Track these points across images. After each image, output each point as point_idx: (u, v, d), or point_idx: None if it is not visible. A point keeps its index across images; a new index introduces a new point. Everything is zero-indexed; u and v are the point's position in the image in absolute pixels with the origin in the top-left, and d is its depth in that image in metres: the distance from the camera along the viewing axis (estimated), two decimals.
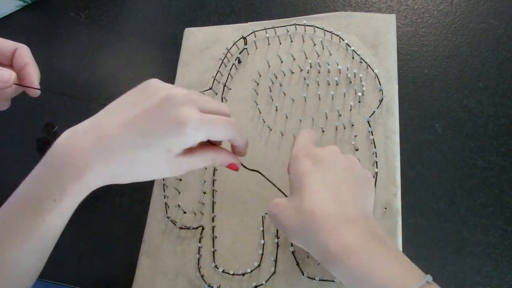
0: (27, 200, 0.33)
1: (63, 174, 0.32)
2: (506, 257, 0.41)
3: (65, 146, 0.33)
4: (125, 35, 0.66)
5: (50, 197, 0.32)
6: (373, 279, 0.29)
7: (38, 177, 0.33)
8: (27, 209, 0.32)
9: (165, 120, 0.31)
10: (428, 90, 0.49)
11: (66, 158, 0.32)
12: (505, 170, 0.44)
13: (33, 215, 0.32)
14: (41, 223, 0.32)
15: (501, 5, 0.51)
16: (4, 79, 0.42)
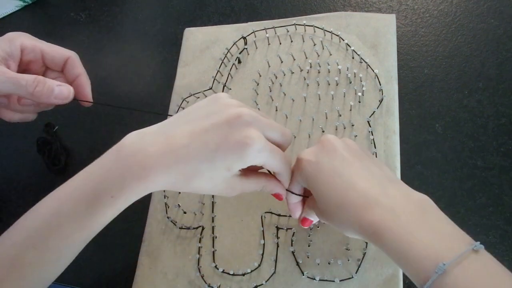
0: (84, 192, 0.33)
1: (126, 173, 0.32)
2: (506, 257, 0.41)
3: (133, 146, 0.33)
4: (125, 35, 0.66)
5: (109, 193, 0.32)
6: (409, 253, 0.28)
7: (98, 172, 0.33)
8: (83, 201, 0.32)
9: (231, 138, 0.32)
10: (428, 90, 0.49)
11: (131, 159, 0.32)
12: (505, 170, 0.44)
13: (88, 207, 0.32)
14: (93, 216, 0.33)
15: (501, 5, 0.51)
16: (64, 95, 0.44)
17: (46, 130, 0.62)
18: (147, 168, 0.32)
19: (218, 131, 0.32)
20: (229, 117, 0.33)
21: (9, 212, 0.59)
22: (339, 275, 0.42)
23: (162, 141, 0.33)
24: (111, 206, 0.33)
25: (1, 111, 0.45)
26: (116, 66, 0.65)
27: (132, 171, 0.32)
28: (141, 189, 0.33)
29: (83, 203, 0.32)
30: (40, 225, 0.33)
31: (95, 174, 0.33)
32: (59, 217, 0.33)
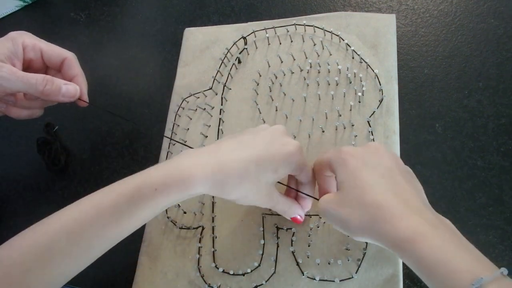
0: (127, 186, 0.35)
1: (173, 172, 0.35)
2: (506, 257, 0.41)
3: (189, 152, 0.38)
4: (125, 35, 0.66)
5: (153, 186, 0.34)
6: (446, 266, 0.28)
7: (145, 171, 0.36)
8: (125, 193, 0.34)
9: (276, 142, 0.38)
10: (428, 90, 0.49)
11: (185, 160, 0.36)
12: (505, 170, 0.44)
13: (130, 199, 0.34)
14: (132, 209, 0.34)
15: (501, 5, 0.51)
16: (71, 93, 0.46)
17: (46, 130, 0.62)
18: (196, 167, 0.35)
19: (262, 139, 0.38)
20: (269, 130, 0.39)
21: (9, 212, 0.59)
22: (339, 275, 0.42)
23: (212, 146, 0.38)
24: (152, 200, 0.34)
25: (9, 109, 0.46)
26: (116, 66, 0.65)
27: (178, 169, 0.35)
28: (183, 187, 0.35)
29: (125, 196, 0.34)
30: (78, 215, 0.34)
31: (141, 176, 0.36)
32: (99, 208, 0.34)
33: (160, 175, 0.35)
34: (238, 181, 0.36)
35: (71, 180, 0.58)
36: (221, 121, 0.53)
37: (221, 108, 0.54)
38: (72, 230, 0.33)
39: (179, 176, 0.35)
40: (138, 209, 0.34)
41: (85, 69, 0.66)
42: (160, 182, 0.34)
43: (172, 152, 0.54)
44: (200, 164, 0.35)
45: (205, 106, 0.55)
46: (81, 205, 0.35)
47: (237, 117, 0.53)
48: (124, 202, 0.34)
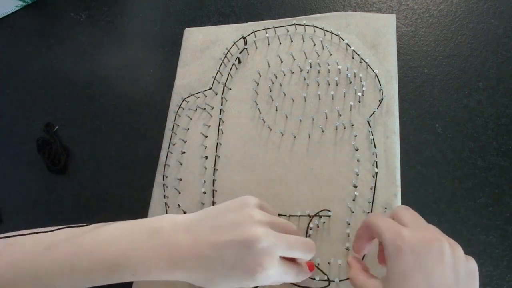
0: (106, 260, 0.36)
1: (154, 261, 0.36)
2: (506, 257, 0.41)
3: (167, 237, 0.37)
4: (125, 35, 0.66)
5: (131, 271, 0.36)
6: None
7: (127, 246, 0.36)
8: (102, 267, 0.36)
9: (246, 261, 0.35)
10: (428, 90, 0.49)
11: (162, 250, 0.36)
12: (505, 170, 0.44)
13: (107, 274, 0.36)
14: (106, 280, 0.36)
15: (501, 5, 0.51)
16: None
17: (46, 130, 0.62)
18: (172, 266, 0.36)
19: (236, 251, 0.35)
20: (248, 238, 0.35)
21: (9, 212, 0.59)
22: (339, 275, 0.42)
23: (190, 243, 0.36)
24: (126, 279, 0.36)
25: None
26: (116, 66, 0.65)
27: (159, 263, 0.36)
28: (161, 278, 0.36)
29: (101, 267, 0.35)
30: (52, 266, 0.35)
31: (124, 244, 0.36)
32: (74, 267, 0.35)
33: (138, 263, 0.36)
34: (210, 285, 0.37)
35: (71, 180, 0.58)
36: (221, 121, 0.53)
37: (221, 108, 0.54)
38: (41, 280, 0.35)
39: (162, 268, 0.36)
40: (112, 280, 0.36)
41: (85, 69, 0.66)
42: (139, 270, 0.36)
43: (172, 152, 0.54)
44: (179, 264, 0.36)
45: (205, 106, 0.55)
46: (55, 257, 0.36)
47: (237, 117, 0.53)
48: (101, 273, 0.36)
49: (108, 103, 0.62)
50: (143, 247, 0.36)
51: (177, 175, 0.52)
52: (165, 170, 0.53)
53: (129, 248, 0.36)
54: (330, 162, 0.47)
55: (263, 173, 0.49)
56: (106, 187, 0.57)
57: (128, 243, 0.36)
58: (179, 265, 0.36)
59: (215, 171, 0.51)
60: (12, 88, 0.69)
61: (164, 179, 0.53)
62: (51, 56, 0.69)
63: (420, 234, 0.32)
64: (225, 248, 0.35)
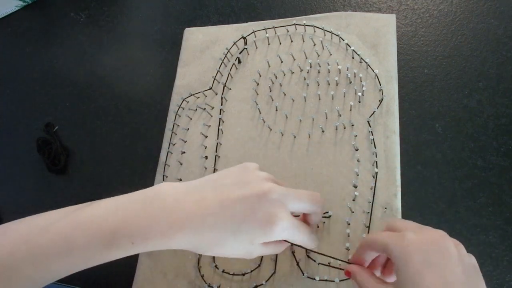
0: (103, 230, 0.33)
1: (153, 226, 0.33)
2: (506, 257, 0.41)
3: (166, 201, 0.34)
4: (125, 35, 0.66)
5: (130, 239, 0.33)
6: None
7: (124, 213, 0.33)
8: (100, 238, 0.32)
9: (258, 213, 0.34)
10: (428, 90, 0.49)
11: (162, 213, 0.33)
12: (505, 170, 0.44)
13: (104, 246, 0.32)
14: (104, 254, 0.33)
15: (501, 5, 0.51)
16: None
17: (46, 130, 0.62)
18: (174, 227, 0.33)
19: (247, 204, 0.34)
20: (258, 192, 0.34)
21: (9, 212, 0.59)
22: (339, 275, 0.42)
23: (193, 203, 0.34)
24: (127, 251, 0.33)
25: None
26: (116, 66, 0.65)
27: (160, 226, 0.33)
28: (162, 244, 0.33)
29: (99, 240, 0.32)
30: (48, 244, 0.32)
31: (121, 214, 0.33)
32: (70, 244, 0.32)
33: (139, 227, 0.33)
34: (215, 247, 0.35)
35: (71, 180, 0.58)
36: (221, 121, 0.53)
37: (221, 108, 0.54)
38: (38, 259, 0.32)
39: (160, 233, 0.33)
40: (109, 255, 0.33)
41: (85, 69, 0.66)
42: (139, 237, 0.33)
43: (172, 152, 0.54)
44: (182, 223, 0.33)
45: (205, 106, 0.55)
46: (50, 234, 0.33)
47: (237, 117, 0.53)
48: (96, 246, 0.32)
49: (108, 103, 0.62)
50: (141, 214, 0.33)
51: (177, 175, 0.52)
52: (165, 170, 0.53)
53: (126, 216, 0.33)
54: (330, 162, 0.47)
55: None
56: (106, 187, 0.57)
57: (124, 212, 0.34)
58: (182, 228, 0.33)
59: (215, 171, 0.51)
60: (12, 88, 0.69)
61: (164, 179, 0.53)
62: (51, 56, 0.69)
63: (423, 235, 0.32)
64: (234, 203, 0.34)
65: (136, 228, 0.33)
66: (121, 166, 0.57)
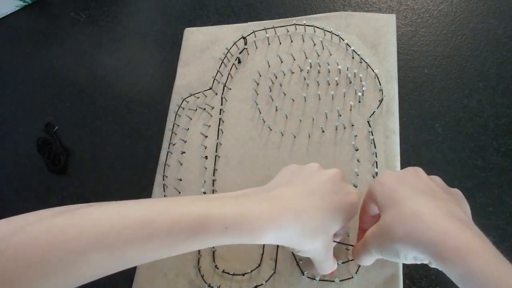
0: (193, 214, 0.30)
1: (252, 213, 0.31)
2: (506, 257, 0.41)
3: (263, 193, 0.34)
4: (125, 35, 0.66)
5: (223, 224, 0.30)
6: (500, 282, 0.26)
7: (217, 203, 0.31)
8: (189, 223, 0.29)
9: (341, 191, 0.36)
10: (428, 90, 0.49)
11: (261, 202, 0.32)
12: (505, 170, 0.44)
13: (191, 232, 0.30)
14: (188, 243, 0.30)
15: (501, 5, 0.51)
16: None
17: (46, 130, 0.62)
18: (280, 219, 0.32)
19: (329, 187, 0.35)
20: (330, 176, 0.36)
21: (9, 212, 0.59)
22: (339, 275, 0.42)
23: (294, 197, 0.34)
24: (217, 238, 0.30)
25: None
26: (116, 66, 0.65)
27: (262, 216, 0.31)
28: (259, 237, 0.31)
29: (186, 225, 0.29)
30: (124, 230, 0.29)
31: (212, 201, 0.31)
32: (153, 230, 0.29)
33: (232, 215, 0.30)
34: (313, 234, 0.33)
35: (71, 180, 0.58)
36: (221, 121, 0.53)
37: (221, 108, 0.54)
38: (112, 245, 0.28)
39: (252, 223, 0.30)
40: (196, 243, 0.30)
41: (85, 69, 0.66)
42: (232, 223, 0.30)
43: (172, 152, 0.54)
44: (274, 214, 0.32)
45: (205, 106, 0.55)
46: (127, 218, 0.29)
47: (237, 117, 0.53)
48: (184, 233, 0.29)
49: (108, 103, 0.62)
50: (231, 203, 0.31)
51: (177, 175, 0.52)
52: (165, 170, 0.53)
53: (215, 204, 0.31)
54: (330, 162, 0.47)
55: (263, 173, 0.49)
56: (106, 187, 0.57)
57: (215, 201, 0.31)
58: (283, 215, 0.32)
59: (215, 171, 0.51)
60: (12, 88, 0.69)
61: (164, 179, 0.53)
62: (51, 56, 0.69)
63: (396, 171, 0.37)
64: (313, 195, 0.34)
65: (230, 214, 0.30)
66: (121, 166, 0.57)
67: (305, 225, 0.33)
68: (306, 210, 0.33)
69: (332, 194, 0.35)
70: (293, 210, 0.32)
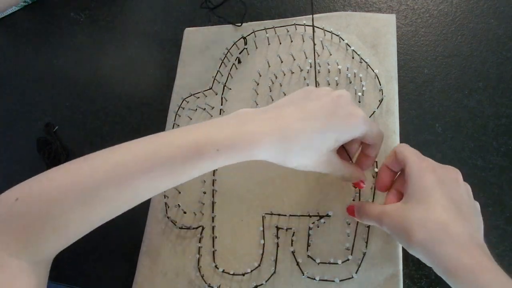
0: (186, 140, 0.33)
1: (237, 132, 0.33)
2: (506, 257, 0.41)
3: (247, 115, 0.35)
4: (125, 35, 0.66)
5: (214, 146, 0.33)
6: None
7: (207, 126, 0.34)
8: (183, 147, 0.33)
9: (339, 112, 0.35)
10: (428, 90, 0.49)
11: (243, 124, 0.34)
12: (505, 170, 0.44)
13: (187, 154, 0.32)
14: (187, 165, 0.33)
15: (501, 5, 0.51)
16: None
17: (46, 130, 0.62)
18: (258, 133, 0.33)
19: (326, 109, 0.35)
20: (334, 97, 0.36)
21: None
22: (339, 275, 0.42)
23: (278, 111, 0.35)
24: (210, 160, 0.33)
25: None
26: (116, 66, 0.65)
27: (243, 132, 0.33)
28: (246, 152, 0.33)
29: (182, 150, 0.32)
30: (130, 162, 0.32)
31: (204, 127, 0.34)
32: (153, 159, 0.32)
33: (224, 136, 0.33)
34: (301, 151, 0.35)
35: None
36: None
37: (221, 108, 0.54)
38: (121, 178, 0.32)
39: (245, 140, 0.33)
40: (194, 168, 0.33)
41: (85, 69, 0.66)
42: (224, 144, 0.33)
43: None
44: (266, 131, 0.34)
45: (205, 106, 0.55)
46: (132, 152, 0.33)
47: None
48: (180, 158, 0.32)
49: (108, 103, 0.62)
50: (224, 124, 0.34)
51: None
52: None
53: (210, 128, 0.34)
54: None
55: (263, 173, 0.49)
56: None
57: (207, 127, 0.34)
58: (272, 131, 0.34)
59: (215, 171, 0.51)
60: (12, 88, 0.69)
61: None
62: (51, 56, 0.69)
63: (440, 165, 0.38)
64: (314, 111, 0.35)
65: (221, 135, 0.33)
66: None
67: (291, 144, 0.34)
68: (296, 130, 0.34)
69: (330, 115, 0.35)
70: (282, 131, 0.34)
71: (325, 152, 0.36)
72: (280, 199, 0.47)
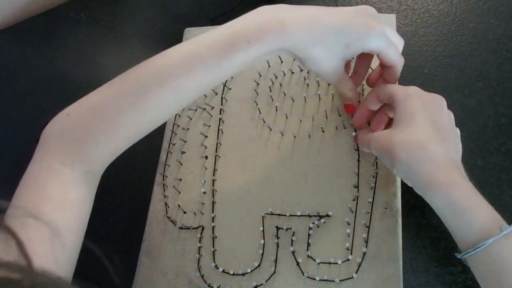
0: (220, 38, 0.37)
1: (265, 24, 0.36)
2: None
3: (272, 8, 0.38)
4: (125, 35, 0.66)
5: (245, 39, 0.36)
6: (476, 211, 0.34)
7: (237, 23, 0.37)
8: (218, 45, 0.36)
9: (358, 19, 0.38)
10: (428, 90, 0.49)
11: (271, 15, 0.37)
12: (505, 170, 0.44)
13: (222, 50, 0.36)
14: (224, 59, 0.36)
15: (501, 5, 0.51)
16: None
17: None
18: (285, 23, 0.36)
19: (348, 14, 0.38)
20: (357, 8, 0.39)
21: None
22: (339, 275, 0.42)
23: (298, 8, 0.38)
24: (245, 51, 0.36)
25: None
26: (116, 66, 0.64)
27: (271, 24, 0.36)
28: (275, 41, 0.36)
29: (217, 46, 0.36)
30: (170, 65, 0.37)
31: (234, 26, 0.37)
32: (193, 57, 0.36)
33: (254, 27, 0.36)
34: (313, 44, 0.37)
35: None
36: (221, 121, 0.53)
37: (221, 108, 0.54)
38: (164, 81, 0.36)
39: (273, 26, 0.36)
40: (231, 59, 0.36)
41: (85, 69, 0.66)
42: (254, 35, 0.36)
43: (172, 152, 0.54)
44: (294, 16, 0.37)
45: (205, 106, 0.55)
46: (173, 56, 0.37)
47: (237, 117, 0.53)
48: (216, 55, 0.36)
49: None
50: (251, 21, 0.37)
51: (177, 175, 0.52)
52: (165, 170, 0.53)
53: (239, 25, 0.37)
54: (330, 162, 0.47)
55: (263, 173, 0.49)
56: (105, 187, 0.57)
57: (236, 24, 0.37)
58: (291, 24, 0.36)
59: (215, 171, 0.51)
60: (12, 88, 0.69)
61: (164, 179, 0.53)
62: (51, 56, 0.69)
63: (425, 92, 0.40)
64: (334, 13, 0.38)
65: (249, 28, 0.36)
66: (121, 166, 0.57)
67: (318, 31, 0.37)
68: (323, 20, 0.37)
69: (349, 20, 0.38)
70: (307, 21, 0.37)
71: (335, 56, 0.38)
72: (280, 199, 0.47)
